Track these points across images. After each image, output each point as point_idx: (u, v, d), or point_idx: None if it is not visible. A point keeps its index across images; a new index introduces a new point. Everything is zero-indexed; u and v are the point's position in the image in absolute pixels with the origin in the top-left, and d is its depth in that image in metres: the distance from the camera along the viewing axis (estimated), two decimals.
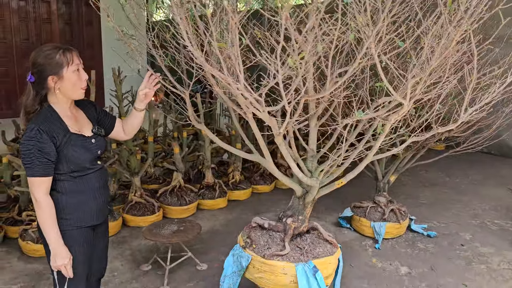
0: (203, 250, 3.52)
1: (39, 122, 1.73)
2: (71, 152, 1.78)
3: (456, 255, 3.54)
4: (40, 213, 1.74)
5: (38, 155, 1.69)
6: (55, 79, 1.76)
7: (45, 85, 1.77)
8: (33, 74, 1.77)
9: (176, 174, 4.36)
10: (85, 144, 1.85)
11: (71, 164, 1.80)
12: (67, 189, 1.82)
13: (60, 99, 1.82)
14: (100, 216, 1.96)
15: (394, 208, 3.83)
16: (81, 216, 1.86)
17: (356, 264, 3.37)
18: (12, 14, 7.51)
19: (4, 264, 3.26)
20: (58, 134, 1.75)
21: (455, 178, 5.79)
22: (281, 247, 2.51)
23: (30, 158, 1.68)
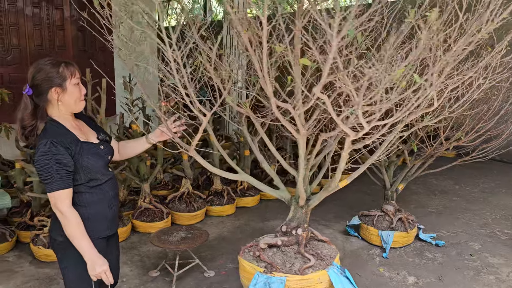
0: (210, 257, 3.55)
1: (50, 135, 1.73)
2: (85, 161, 1.80)
3: (465, 265, 3.52)
4: (68, 226, 1.74)
5: (56, 167, 1.70)
6: (58, 90, 1.77)
7: (46, 97, 1.77)
8: (33, 87, 1.76)
9: (185, 180, 4.40)
10: (96, 151, 1.88)
11: (88, 172, 1.82)
12: (86, 201, 1.84)
13: (61, 112, 1.82)
14: (113, 226, 2.00)
15: (402, 217, 3.82)
16: (98, 227, 1.89)
17: (363, 273, 3.36)
18: (26, 21, 7.66)
19: (16, 268, 3.32)
20: (71, 145, 1.77)
21: (465, 186, 5.74)
22: (304, 259, 2.51)
23: (49, 173, 1.69)
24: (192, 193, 4.39)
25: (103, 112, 4.00)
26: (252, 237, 3.93)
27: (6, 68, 7.60)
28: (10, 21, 7.53)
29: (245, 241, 3.86)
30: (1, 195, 3.91)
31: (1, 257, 3.47)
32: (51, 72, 1.75)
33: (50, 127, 1.78)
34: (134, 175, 4.17)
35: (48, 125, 1.78)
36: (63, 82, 1.77)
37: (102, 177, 1.89)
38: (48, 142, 1.70)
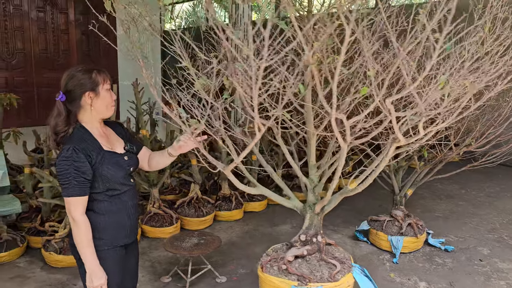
0: (222, 262, 3.55)
1: (74, 141, 1.75)
2: (106, 170, 1.81)
3: (475, 271, 3.53)
4: (77, 233, 1.76)
5: (75, 174, 1.71)
6: (92, 95, 1.80)
7: (80, 103, 1.80)
8: (66, 93, 1.79)
9: (194, 185, 4.41)
10: (118, 161, 1.88)
11: (107, 182, 1.83)
12: (105, 209, 1.85)
13: (92, 118, 1.84)
14: (132, 234, 2.00)
15: (411, 222, 3.83)
16: (116, 235, 1.90)
17: (374, 278, 3.35)
18: (31, 25, 7.69)
19: (28, 274, 3.33)
20: (92, 153, 1.78)
21: (471, 191, 5.76)
22: (328, 266, 2.53)
23: (67, 178, 1.71)
24: (201, 198, 4.40)
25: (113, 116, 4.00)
26: (261, 242, 3.96)
27: (11, 72, 7.63)
28: (15, 25, 7.56)
29: (254, 247, 3.88)
30: (11, 201, 3.92)
31: (12, 263, 3.47)
32: (84, 78, 1.78)
33: (76, 133, 1.80)
34: (143, 180, 4.18)
35: (75, 131, 1.80)
36: (96, 87, 1.80)
37: (121, 187, 1.89)
38: (70, 148, 1.72)
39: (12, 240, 3.57)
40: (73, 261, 3.30)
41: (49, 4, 7.87)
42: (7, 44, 7.50)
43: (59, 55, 8.09)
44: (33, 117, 7.89)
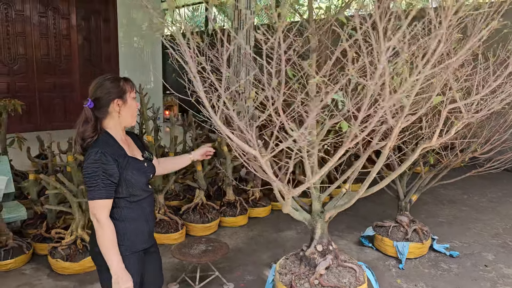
0: (228, 269, 3.55)
1: (101, 146, 1.80)
2: (129, 175, 1.86)
3: (481, 276, 3.54)
4: (102, 235, 1.78)
5: (103, 177, 1.75)
6: (119, 103, 1.86)
7: (107, 109, 1.86)
8: (94, 100, 1.85)
9: (199, 191, 4.42)
10: (140, 167, 1.93)
11: (130, 187, 1.87)
12: (125, 216, 1.88)
13: (117, 125, 1.90)
14: (150, 239, 2.03)
15: (416, 228, 3.85)
16: (135, 240, 1.93)
17: (382, 284, 3.38)
18: (33, 30, 7.70)
19: (35, 281, 3.32)
20: (119, 157, 1.83)
21: (473, 196, 5.78)
22: (347, 270, 2.58)
23: (96, 181, 1.74)
24: (205, 204, 4.41)
25: None
26: (267, 249, 3.96)
27: (12, 77, 7.62)
28: (17, 30, 7.57)
29: (260, 253, 3.89)
30: (16, 207, 3.92)
31: (18, 270, 3.46)
32: (112, 86, 1.86)
33: (102, 138, 1.86)
34: None
35: (101, 137, 1.86)
36: (124, 95, 1.88)
37: (142, 193, 1.94)
38: (99, 152, 1.77)
39: (18, 247, 3.56)
40: (80, 268, 3.32)
41: (51, 9, 7.88)
42: (9, 49, 7.50)
43: (60, 61, 8.09)
44: (35, 122, 7.89)
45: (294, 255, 2.81)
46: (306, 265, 2.65)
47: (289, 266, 2.70)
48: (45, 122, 7.98)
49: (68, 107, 8.26)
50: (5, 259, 3.43)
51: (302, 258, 2.69)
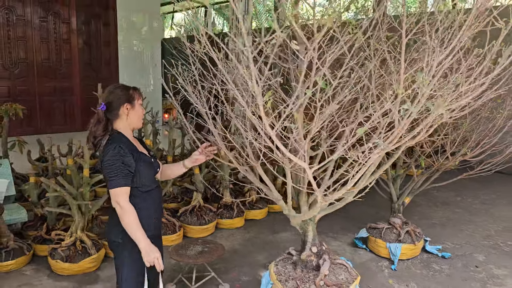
0: (224, 270, 3.64)
1: (118, 142, 2.07)
2: (142, 167, 2.12)
3: (471, 277, 3.62)
4: (126, 218, 2.03)
5: (122, 167, 2.02)
6: (128, 107, 2.13)
7: (118, 112, 2.13)
8: (107, 104, 2.11)
9: (196, 194, 4.50)
10: (149, 161, 2.21)
11: (142, 178, 2.12)
12: (138, 204, 2.11)
13: (126, 126, 2.17)
14: (158, 226, 2.30)
15: (409, 230, 3.93)
16: (147, 226, 2.12)
17: (373, 285, 3.47)
18: (33, 34, 7.80)
19: (35, 282, 3.40)
20: (133, 151, 2.10)
21: (466, 198, 5.87)
22: (338, 266, 2.73)
23: (116, 171, 2.01)
24: (203, 206, 4.49)
25: None
26: (263, 250, 4.04)
27: (13, 81, 7.71)
28: (17, 35, 7.67)
29: (256, 254, 3.97)
30: (17, 209, 4.01)
31: (19, 271, 3.54)
32: (123, 93, 2.14)
33: (116, 136, 2.12)
34: None
35: (114, 135, 2.12)
36: (133, 101, 2.15)
37: (151, 184, 2.20)
38: (117, 146, 2.04)
39: (18, 248, 3.64)
40: (79, 269, 3.40)
41: (51, 14, 7.98)
42: (10, 53, 7.60)
43: (61, 64, 8.18)
44: (35, 126, 7.97)
45: (282, 260, 2.87)
46: (303, 268, 2.73)
47: (285, 272, 2.76)
48: (45, 125, 8.06)
49: (68, 111, 8.35)
50: (6, 260, 3.50)
51: (297, 262, 2.76)
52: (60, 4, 8.01)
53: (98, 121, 2.10)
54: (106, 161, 2.02)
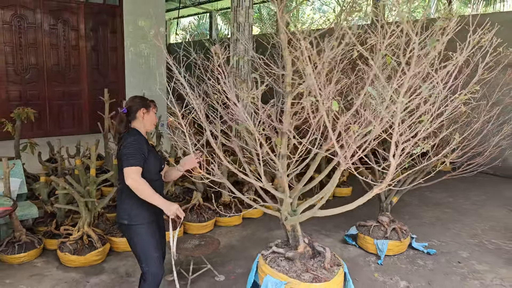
0: (220, 263, 3.89)
1: (135, 134, 2.62)
2: (151, 159, 2.62)
3: (453, 271, 3.85)
4: (142, 189, 2.45)
5: (138, 150, 2.51)
6: (144, 111, 2.70)
7: (135, 114, 2.68)
8: (128, 108, 2.68)
9: (196, 193, 4.77)
10: (157, 156, 2.72)
11: (150, 166, 2.61)
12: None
13: (141, 127, 2.71)
14: (158, 210, 2.61)
15: (396, 227, 4.16)
16: (149, 210, 2.61)
17: (360, 278, 3.70)
18: (44, 41, 8.13)
19: (45, 272, 3.68)
20: (145, 144, 2.62)
21: (458, 199, 6.08)
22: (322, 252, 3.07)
23: (133, 153, 2.48)
24: (202, 204, 4.75)
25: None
26: (259, 246, 4.29)
27: (24, 86, 8.05)
28: (29, 41, 8.00)
29: (252, 249, 4.22)
30: (28, 206, 4.30)
31: (30, 263, 3.82)
32: (141, 101, 2.72)
33: (134, 131, 2.67)
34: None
35: (133, 130, 2.67)
36: (148, 107, 2.72)
37: (154, 176, 2.67)
38: (135, 136, 2.59)
39: (30, 242, 3.93)
40: (85, 261, 3.69)
41: (61, 21, 8.31)
42: (21, 59, 7.94)
43: (70, 70, 8.51)
44: (45, 129, 8.30)
45: (272, 261, 3.03)
46: (302, 259, 2.98)
47: (285, 268, 2.94)
48: (54, 128, 8.39)
49: (76, 114, 8.68)
50: (18, 252, 3.79)
51: (294, 257, 2.98)
52: (69, 12, 8.35)
53: (120, 121, 2.68)
54: (126, 145, 2.51)
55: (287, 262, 3.00)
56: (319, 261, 2.99)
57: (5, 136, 7.26)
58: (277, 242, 3.23)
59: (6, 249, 3.80)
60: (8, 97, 7.86)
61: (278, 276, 2.87)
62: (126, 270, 3.74)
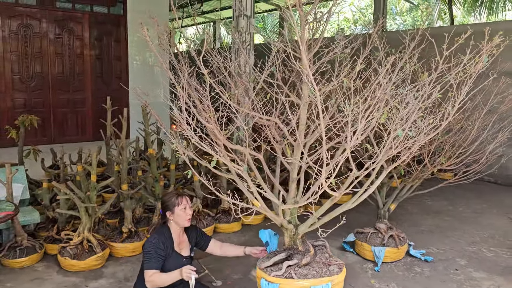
0: (218, 269, 3.92)
1: (159, 235, 2.81)
2: (168, 263, 2.78)
3: (450, 279, 3.85)
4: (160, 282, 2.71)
5: (155, 255, 2.71)
6: (170, 213, 2.86)
7: (164, 217, 2.91)
8: (161, 209, 2.92)
9: (195, 199, 4.82)
10: (179, 262, 2.84)
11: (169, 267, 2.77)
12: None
13: (173, 225, 2.89)
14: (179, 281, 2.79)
15: (393, 234, 4.18)
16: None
17: (356, 284, 3.72)
18: (49, 50, 8.28)
19: (46, 276, 3.73)
20: (167, 247, 2.79)
21: (458, 207, 6.08)
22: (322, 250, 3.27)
23: (150, 257, 2.70)
24: (201, 211, 4.80)
25: (123, 137, 4.46)
26: None
27: (29, 94, 8.18)
28: (34, 50, 8.15)
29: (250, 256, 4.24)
30: (30, 212, 4.37)
31: (31, 267, 3.88)
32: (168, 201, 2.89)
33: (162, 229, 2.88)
34: (149, 194, 4.60)
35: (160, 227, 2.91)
36: (173, 208, 2.84)
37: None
38: (156, 238, 2.77)
39: (31, 246, 3.99)
40: (85, 266, 3.74)
41: (66, 31, 8.47)
42: (27, 68, 8.08)
43: (74, 78, 8.64)
44: (49, 136, 8.41)
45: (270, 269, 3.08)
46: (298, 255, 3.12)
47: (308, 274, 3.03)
48: (58, 135, 8.50)
49: (80, 122, 8.79)
50: (20, 257, 3.85)
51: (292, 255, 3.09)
52: (74, 21, 8.50)
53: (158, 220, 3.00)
54: (145, 247, 2.74)
55: (304, 268, 3.03)
56: (322, 253, 3.10)
57: (9, 143, 7.40)
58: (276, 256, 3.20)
59: (7, 254, 3.87)
60: (13, 104, 7.99)
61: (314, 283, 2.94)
62: (124, 275, 3.79)
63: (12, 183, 4.17)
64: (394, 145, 2.25)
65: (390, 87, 2.21)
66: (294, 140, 2.79)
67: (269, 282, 2.84)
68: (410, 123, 2.18)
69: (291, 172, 3.02)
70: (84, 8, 8.63)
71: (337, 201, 5.79)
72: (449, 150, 3.71)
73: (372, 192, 4.38)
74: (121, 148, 4.44)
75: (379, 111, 2.18)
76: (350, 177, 2.55)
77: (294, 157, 2.75)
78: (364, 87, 2.27)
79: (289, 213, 3.11)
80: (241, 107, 2.75)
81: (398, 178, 4.29)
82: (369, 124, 2.16)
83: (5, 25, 7.74)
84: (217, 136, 2.54)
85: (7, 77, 7.86)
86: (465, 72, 2.20)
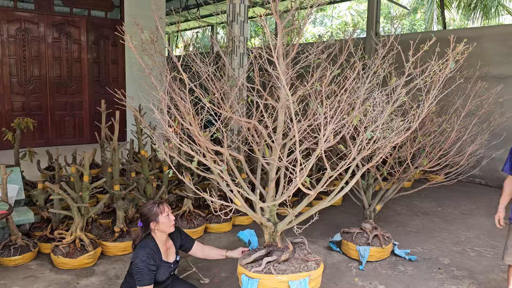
0: (206, 267, 4.03)
1: (147, 250, 2.77)
2: (158, 273, 2.83)
3: (432, 277, 3.96)
4: None
5: (147, 271, 2.72)
6: (154, 224, 2.84)
7: (148, 228, 2.86)
8: (141, 222, 2.88)
9: (187, 200, 4.93)
10: (167, 269, 2.91)
11: (158, 277, 2.85)
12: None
13: (158, 235, 2.88)
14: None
15: (378, 234, 4.29)
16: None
17: (340, 282, 3.83)
18: (47, 54, 8.42)
19: (38, 274, 3.84)
20: (156, 261, 2.80)
21: (447, 208, 6.18)
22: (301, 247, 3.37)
23: (142, 275, 2.71)
24: (192, 211, 4.91)
25: (115, 139, 4.58)
26: None
27: (27, 97, 8.31)
28: (32, 54, 8.29)
29: None
30: (25, 212, 4.49)
31: (25, 265, 4.00)
32: (149, 212, 2.85)
33: (148, 243, 2.82)
34: (141, 195, 4.72)
35: (145, 240, 2.84)
36: (156, 217, 2.83)
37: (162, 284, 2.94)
38: (145, 255, 2.74)
39: (25, 245, 4.10)
40: (77, 264, 3.85)
41: (64, 35, 8.60)
42: (25, 71, 8.21)
43: (71, 81, 8.77)
44: (47, 138, 8.54)
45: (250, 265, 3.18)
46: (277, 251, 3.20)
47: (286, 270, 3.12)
48: (56, 138, 8.63)
49: (77, 125, 8.92)
50: (14, 255, 3.96)
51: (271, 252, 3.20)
52: (72, 25, 8.64)
53: (136, 236, 2.90)
54: (136, 264, 2.71)
55: (283, 264, 3.14)
56: (301, 250, 3.21)
57: (7, 146, 7.53)
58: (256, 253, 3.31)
59: (2, 252, 3.98)
60: (11, 107, 8.11)
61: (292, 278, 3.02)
62: (115, 273, 3.90)
63: (8, 184, 4.28)
64: (365, 145, 2.37)
65: (363, 91, 2.33)
66: (273, 142, 2.91)
67: (250, 277, 2.95)
68: (379, 125, 2.30)
69: (270, 172, 3.13)
70: (81, 12, 8.78)
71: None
72: (430, 151, 3.82)
73: (358, 194, 4.54)
74: (113, 150, 4.56)
75: (351, 114, 2.29)
76: (325, 176, 2.66)
77: (273, 158, 2.87)
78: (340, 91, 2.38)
79: (268, 212, 3.21)
80: (221, 110, 2.87)
81: (383, 180, 4.40)
82: (339, 126, 2.27)
83: (3, 30, 7.89)
84: (198, 138, 2.66)
85: (6, 80, 8.00)
86: (432, 77, 2.31)
